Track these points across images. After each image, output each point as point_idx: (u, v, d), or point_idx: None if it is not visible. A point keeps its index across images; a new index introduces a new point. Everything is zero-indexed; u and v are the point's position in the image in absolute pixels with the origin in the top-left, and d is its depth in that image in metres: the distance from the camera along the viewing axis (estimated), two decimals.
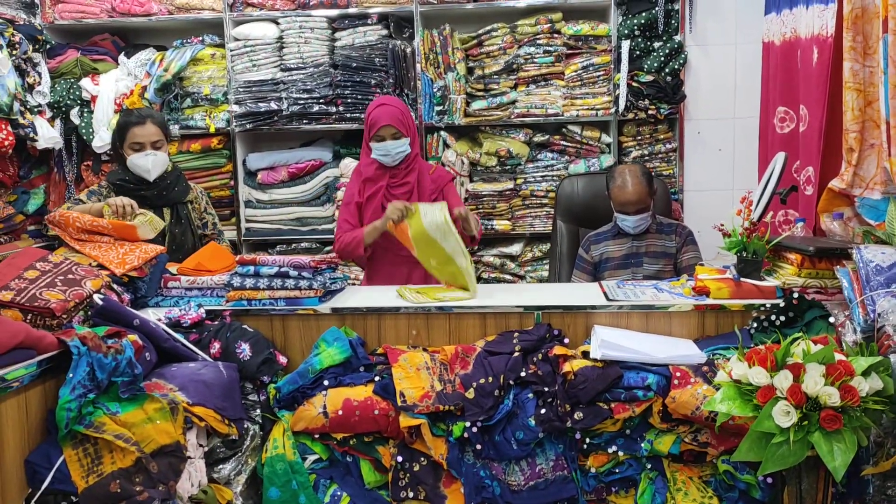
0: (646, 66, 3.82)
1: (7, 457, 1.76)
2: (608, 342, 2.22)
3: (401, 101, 3.07)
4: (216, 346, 2.27)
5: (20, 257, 2.18)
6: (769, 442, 1.80)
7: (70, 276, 2.15)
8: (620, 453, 2.19)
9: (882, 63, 2.44)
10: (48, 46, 4.00)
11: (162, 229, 2.88)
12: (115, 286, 2.29)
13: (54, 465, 1.76)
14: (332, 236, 3.95)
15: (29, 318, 1.98)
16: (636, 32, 3.82)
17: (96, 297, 2.12)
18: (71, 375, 1.79)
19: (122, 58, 4.04)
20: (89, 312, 2.11)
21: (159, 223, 2.70)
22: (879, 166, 2.54)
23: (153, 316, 2.28)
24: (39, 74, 3.91)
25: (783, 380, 1.81)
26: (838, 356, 1.85)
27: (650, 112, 3.83)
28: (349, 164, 3.96)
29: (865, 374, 1.82)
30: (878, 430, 1.91)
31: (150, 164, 2.84)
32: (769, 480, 2.08)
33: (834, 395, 1.77)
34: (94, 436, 1.78)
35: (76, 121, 3.99)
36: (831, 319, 2.18)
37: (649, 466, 2.21)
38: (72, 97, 3.98)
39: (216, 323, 2.35)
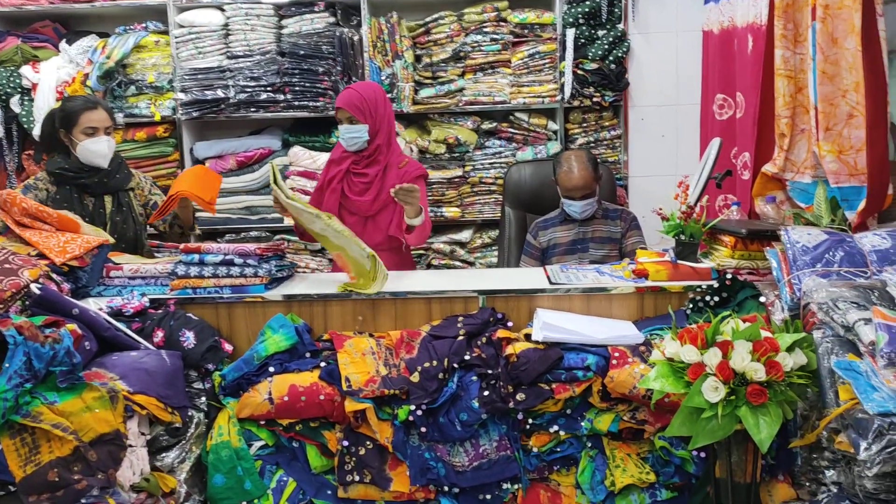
0: (590, 54, 3.87)
1: None
2: (550, 325, 2.26)
3: (373, 88, 2.95)
4: (160, 335, 2.25)
5: None
6: (699, 417, 1.87)
7: (7, 265, 2.12)
8: (561, 432, 2.25)
9: (811, 50, 2.52)
10: None
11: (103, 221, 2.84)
12: (54, 275, 2.25)
13: None
14: (282, 225, 3.97)
15: None
16: (580, 21, 3.87)
17: (34, 287, 2.09)
18: (7, 365, 1.76)
19: (63, 45, 3.95)
20: (27, 302, 2.08)
21: (105, 235, 2.62)
22: (809, 151, 2.62)
23: (94, 305, 2.25)
24: None
25: (712, 357, 1.88)
26: (765, 333, 1.92)
27: (595, 99, 3.89)
28: (298, 152, 3.94)
29: (790, 349, 1.90)
30: (805, 404, 1.99)
31: (105, 149, 2.79)
32: (702, 455, 2.16)
33: (760, 370, 1.84)
34: (31, 425, 1.77)
35: (16, 109, 3.90)
36: (762, 299, 2.25)
37: (589, 445, 2.27)
38: (12, 85, 3.89)
39: (160, 312, 2.34)
